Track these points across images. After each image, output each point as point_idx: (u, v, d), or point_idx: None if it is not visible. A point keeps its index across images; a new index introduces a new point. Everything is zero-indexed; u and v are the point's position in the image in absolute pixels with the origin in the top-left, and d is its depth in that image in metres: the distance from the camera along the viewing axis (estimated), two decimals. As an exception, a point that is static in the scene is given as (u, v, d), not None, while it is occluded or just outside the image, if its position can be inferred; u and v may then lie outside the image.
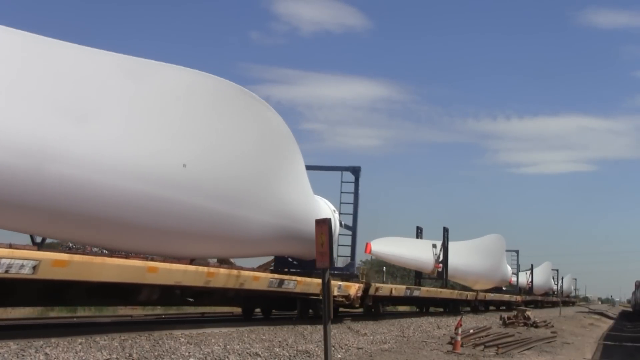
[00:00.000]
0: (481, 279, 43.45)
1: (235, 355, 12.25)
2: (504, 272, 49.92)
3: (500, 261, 47.53)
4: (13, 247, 10.37)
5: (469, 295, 39.48)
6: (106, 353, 10.65)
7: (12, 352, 9.80)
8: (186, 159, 13.00)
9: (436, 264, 35.85)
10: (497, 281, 47.24)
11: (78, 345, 10.90)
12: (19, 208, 10.59)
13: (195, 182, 13.23)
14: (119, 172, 11.65)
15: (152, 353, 11.24)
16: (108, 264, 11.92)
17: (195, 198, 13.29)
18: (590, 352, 20.30)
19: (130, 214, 12.15)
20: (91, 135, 11.26)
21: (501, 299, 48.98)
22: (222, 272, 15.07)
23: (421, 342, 18.75)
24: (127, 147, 11.84)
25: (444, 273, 36.21)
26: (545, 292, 74.06)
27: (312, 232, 18.14)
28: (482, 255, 43.00)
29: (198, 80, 13.71)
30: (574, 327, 32.37)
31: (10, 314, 20.14)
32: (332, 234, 10.01)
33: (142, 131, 12.21)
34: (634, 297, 72.39)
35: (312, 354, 13.56)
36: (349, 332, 18.67)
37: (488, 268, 43.82)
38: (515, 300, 50.84)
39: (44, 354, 9.92)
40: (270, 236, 16.69)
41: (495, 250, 45.63)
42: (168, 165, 12.68)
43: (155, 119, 12.54)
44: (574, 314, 51.63)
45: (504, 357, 16.38)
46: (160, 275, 13.02)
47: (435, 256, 35.89)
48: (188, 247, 14.46)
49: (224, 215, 14.36)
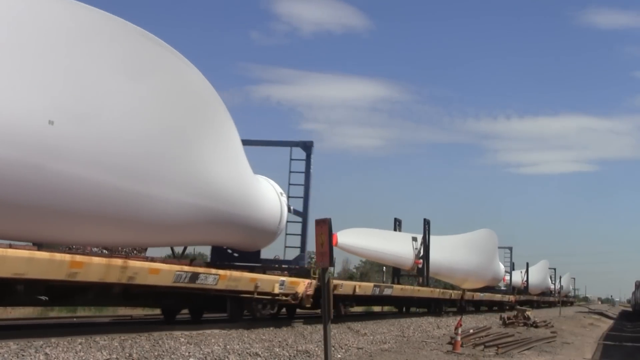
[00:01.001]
0: (470, 277, 40.36)
1: (235, 355, 12.24)
2: (496, 270, 46.69)
3: (492, 258, 44.38)
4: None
5: (453, 294, 35.64)
6: (106, 353, 10.64)
7: (12, 352, 9.79)
8: (53, 114, 9.73)
9: (416, 260, 32.48)
10: (488, 280, 44.38)
11: (78, 345, 10.90)
12: None
13: (71, 144, 10.03)
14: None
15: (152, 353, 11.23)
16: None
17: (73, 166, 10.12)
18: (590, 352, 20.30)
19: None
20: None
21: (492, 299, 45.46)
22: (96, 261, 11.31)
23: (421, 342, 18.75)
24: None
25: (425, 270, 32.88)
26: (542, 291, 71.79)
27: (252, 218, 16.63)
28: (472, 251, 39.78)
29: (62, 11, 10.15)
30: (573, 327, 32.38)
31: (10, 314, 20.14)
32: (330, 233, 9.95)
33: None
34: (634, 297, 72.38)
35: (312, 354, 13.56)
36: (349, 332, 18.68)
37: (478, 265, 40.61)
38: (508, 300, 47.61)
39: (44, 354, 9.92)
40: (190, 220, 13.53)
41: (486, 247, 42.40)
42: (29, 122, 9.42)
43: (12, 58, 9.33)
44: (573, 314, 51.63)
45: (503, 357, 16.38)
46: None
47: (415, 251, 32.62)
48: (67, 230, 11.24)
49: (117, 190, 11.13)
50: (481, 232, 42.77)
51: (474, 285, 41.24)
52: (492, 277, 45.25)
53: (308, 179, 19.98)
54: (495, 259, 45.79)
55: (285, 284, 17.37)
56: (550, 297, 73.75)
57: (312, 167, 20.00)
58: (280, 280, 17.26)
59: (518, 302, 50.42)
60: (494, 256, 45.27)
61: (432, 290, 32.52)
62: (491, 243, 43.67)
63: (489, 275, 43.86)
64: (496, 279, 47.50)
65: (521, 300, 53.86)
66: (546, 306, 66.44)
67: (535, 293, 66.39)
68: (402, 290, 28.34)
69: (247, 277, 15.88)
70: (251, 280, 15.91)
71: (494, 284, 47.66)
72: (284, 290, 17.20)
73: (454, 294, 35.65)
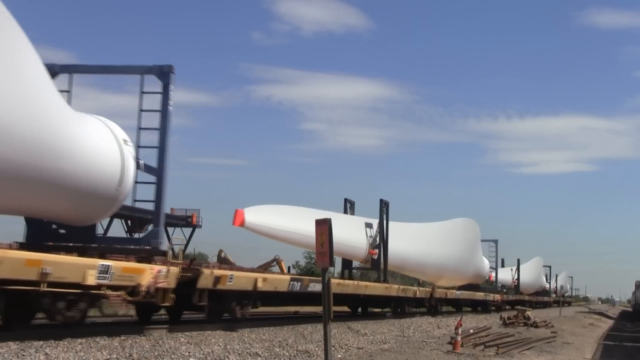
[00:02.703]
0: (447, 274, 34.16)
1: (235, 355, 12.24)
2: (479, 265, 39.62)
3: (473, 252, 37.41)
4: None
5: (418, 291, 29.28)
6: (106, 353, 10.64)
7: (12, 352, 9.80)
8: None
9: (370, 250, 26.47)
10: (470, 277, 37.96)
11: (78, 345, 10.91)
12: None
13: None
14: None
15: (152, 353, 11.23)
16: None
17: None
18: (590, 352, 20.29)
19: None
20: None
21: (472, 298, 39.10)
22: None
23: (421, 342, 18.75)
24: None
25: (381, 262, 27.07)
26: (536, 291, 66.43)
27: (69, 173, 11.54)
28: (447, 242, 33.51)
29: None
30: (574, 327, 32.36)
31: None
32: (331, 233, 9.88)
33: None
34: (634, 297, 72.36)
35: (312, 354, 13.56)
36: (349, 332, 18.67)
37: (456, 259, 34.12)
38: (493, 299, 42.07)
39: (44, 354, 9.92)
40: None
41: (466, 238, 35.68)
42: None
43: None
44: (574, 314, 51.62)
45: (504, 357, 16.38)
46: None
47: (369, 239, 26.61)
48: None
49: None
50: (459, 221, 36.17)
51: (452, 282, 35.98)
52: (474, 274, 38.67)
53: (166, 120, 14.38)
54: (476, 252, 38.84)
55: (113, 272, 12.04)
56: (545, 297, 69.09)
57: (172, 103, 14.44)
58: (101, 265, 11.85)
59: (506, 302, 46.36)
60: (476, 249, 38.33)
61: (388, 286, 26.43)
62: (472, 234, 36.83)
63: (469, 271, 37.18)
64: (480, 275, 40.94)
65: (510, 300, 49.84)
66: (541, 306, 61.82)
67: (528, 292, 61.74)
68: (340, 286, 21.61)
69: (18, 259, 10.35)
70: (28, 264, 10.41)
71: (477, 282, 41.58)
72: (109, 281, 12.01)
73: (419, 292, 29.59)
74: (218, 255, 20.89)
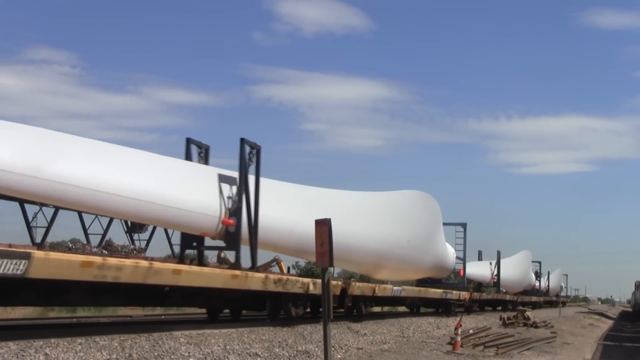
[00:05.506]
0: (389, 263, 23.85)
1: (235, 355, 12.24)
2: (440, 255, 29.16)
3: (431, 236, 27.00)
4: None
5: (310, 285, 17.47)
6: (106, 353, 10.65)
7: (12, 352, 9.80)
8: None
9: (225, 219, 15.63)
10: (427, 268, 28.08)
11: (78, 345, 10.90)
12: None
13: None
14: None
15: (152, 353, 11.24)
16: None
17: None
18: (590, 353, 20.29)
19: None
20: None
21: (423, 296, 28.74)
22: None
23: (421, 342, 18.75)
24: None
25: (245, 235, 16.18)
26: (524, 289, 55.49)
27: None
28: (390, 220, 23.18)
29: None
30: (573, 327, 32.37)
31: (10, 314, 20.14)
32: (330, 233, 9.86)
33: None
34: (634, 298, 72.29)
35: (312, 354, 13.57)
36: (349, 332, 18.65)
37: (403, 245, 23.86)
38: (458, 298, 32.37)
39: (44, 354, 9.92)
40: None
41: (421, 217, 25.39)
42: None
43: None
44: (573, 315, 51.62)
45: (503, 357, 16.38)
46: None
47: (227, 201, 15.91)
48: None
49: None
50: (410, 193, 25.55)
51: (401, 276, 28.30)
52: (434, 265, 28.69)
53: None
54: (436, 237, 27.90)
55: None
56: (534, 297, 58.44)
57: None
58: None
59: (477, 301, 37.87)
60: (435, 233, 27.65)
61: (238, 274, 15.03)
62: (428, 213, 26.22)
63: (426, 261, 27.09)
64: (442, 268, 30.73)
65: (483, 299, 40.36)
66: (529, 307, 45.81)
67: (514, 291, 51.75)
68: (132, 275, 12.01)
69: None
70: None
71: (440, 276, 32.15)
72: None
73: (312, 285, 17.58)
74: (218, 255, 20.85)
